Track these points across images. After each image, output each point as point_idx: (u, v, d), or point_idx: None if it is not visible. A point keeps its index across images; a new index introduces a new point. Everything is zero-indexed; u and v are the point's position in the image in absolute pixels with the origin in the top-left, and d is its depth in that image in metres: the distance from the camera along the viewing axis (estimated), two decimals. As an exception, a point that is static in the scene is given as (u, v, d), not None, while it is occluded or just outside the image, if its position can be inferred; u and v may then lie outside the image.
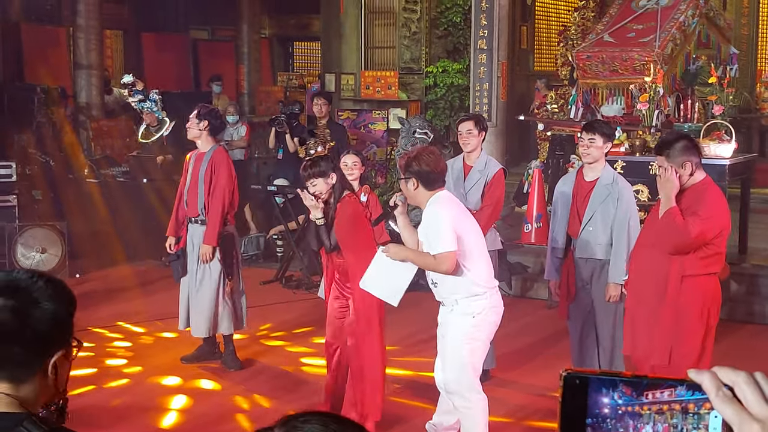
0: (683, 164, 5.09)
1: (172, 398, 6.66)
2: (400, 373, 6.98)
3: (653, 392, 1.03)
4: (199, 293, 7.19)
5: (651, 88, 9.30)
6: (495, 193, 6.73)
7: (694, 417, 1.03)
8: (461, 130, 6.81)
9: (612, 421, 1.04)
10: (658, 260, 5.18)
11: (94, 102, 12.95)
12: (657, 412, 1.03)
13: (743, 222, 9.42)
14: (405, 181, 5.10)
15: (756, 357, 7.48)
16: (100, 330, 8.22)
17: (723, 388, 1.02)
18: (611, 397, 1.04)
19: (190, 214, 7.26)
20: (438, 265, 4.96)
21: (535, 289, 9.37)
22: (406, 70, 14.32)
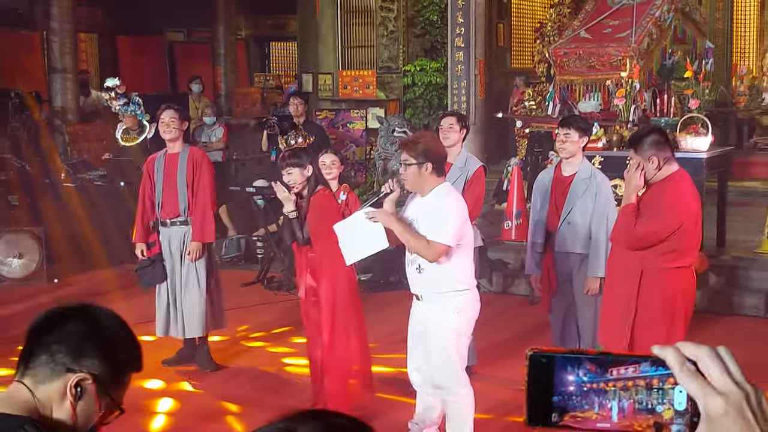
0: (650, 158, 5.12)
1: (157, 401, 6.62)
2: (382, 370, 6.98)
3: (618, 369, 1.04)
4: (188, 294, 7.15)
5: (627, 84, 9.33)
6: (475, 190, 6.73)
7: (658, 392, 1.04)
8: (443, 124, 6.82)
9: (578, 398, 1.05)
10: (626, 255, 5.25)
11: (69, 106, 12.86)
12: (622, 389, 1.04)
13: (721, 215, 9.48)
14: (418, 166, 5.00)
15: (735, 348, 7.49)
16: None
17: (687, 363, 1.03)
18: (576, 374, 1.05)
19: (167, 216, 7.18)
20: (428, 250, 4.94)
21: (516, 285, 9.39)
22: (384, 69, 14.32)
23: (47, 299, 9.52)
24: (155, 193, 7.20)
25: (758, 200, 10.44)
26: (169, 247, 7.19)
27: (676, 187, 5.20)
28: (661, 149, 5.17)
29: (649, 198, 5.17)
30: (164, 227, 7.21)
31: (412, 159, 5.03)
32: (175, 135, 7.14)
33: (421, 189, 5.14)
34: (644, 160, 5.11)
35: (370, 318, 7.89)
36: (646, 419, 1.04)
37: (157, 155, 7.30)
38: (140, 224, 7.24)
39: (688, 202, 5.23)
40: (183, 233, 7.17)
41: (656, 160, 5.13)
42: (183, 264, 7.16)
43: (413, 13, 14.13)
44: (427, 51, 14.12)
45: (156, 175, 7.19)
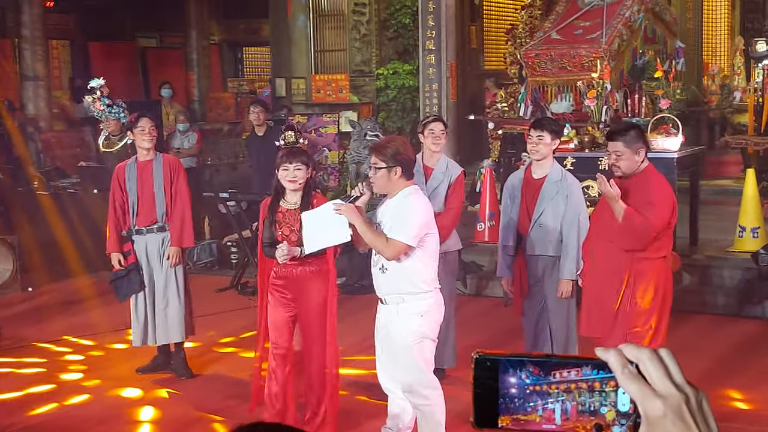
0: (638, 150, 5.30)
1: (139, 410, 6.58)
2: (357, 373, 7.00)
3: (560, 371, 1.06)
4: (169, 301, 7.12)
5: (599, 84, 9.38)
6: (459, 196, 6.79)
7: (600, 394, 1.05)
8: (434, 129, 6.81)
9: (520, 401, 1.06)
10: (615, 251, 5.31)
11: (42, 113, 12.79)
12: (565, 391, 1.05)
13: (693, 214, 9.54)
14: (387, 170, 5.02)
15: (709, 346, 7.58)
16: (47, 345, 8.10)
17: (629, 366, 1.04)
18: (519, 377, 1.06)
19: (143, 223, 7.13)
20: (385, 247, 4.95)
21: (490, 287, 9.41)
22: (357, 73, 14.33)
23: (21, 308, 9.47)
24: (128, 202, 7.12)
25: (730, 199, 10.52)
26: (146, 255, 7.14)
27: (658, 178, 5.39)
28: (644, 142, 5.42)
29: (633, 189, 5.28)
30: (139, 235, 7.15)
31: (381, 162, 5.05)
32: (150, 144, 7.12)
33: (389, 192, 5.16)
34: (633, 152, 5.26)
35: (344, 322, 7.89)
36: (589, 421, 1.05)
37: (127, 163, 7.24)
38: (114, 233, 7.14)
39: (671, 191, 5.44)
40: (161, 239, 7.13)
41: (642, 152, 5.34)
42: (161, 270, 7.13)
43: (386, 17, 14.14)
44: (400, 54, 14.14)
45: (128, 183, 7.12)
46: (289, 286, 5.66)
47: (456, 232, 6.94)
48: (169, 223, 7.11)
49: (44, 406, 6.58)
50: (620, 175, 5.36)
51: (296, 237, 5.54)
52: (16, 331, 8.52)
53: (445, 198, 6.75)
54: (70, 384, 7.15)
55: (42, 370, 7.43)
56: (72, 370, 7.48)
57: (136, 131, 7.12)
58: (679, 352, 4.61)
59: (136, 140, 7.17)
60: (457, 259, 7.03)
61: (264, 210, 5.73)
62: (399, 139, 5.47)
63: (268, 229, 5.65)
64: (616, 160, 5.32)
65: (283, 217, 5.63)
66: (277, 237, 5.60)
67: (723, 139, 12.65)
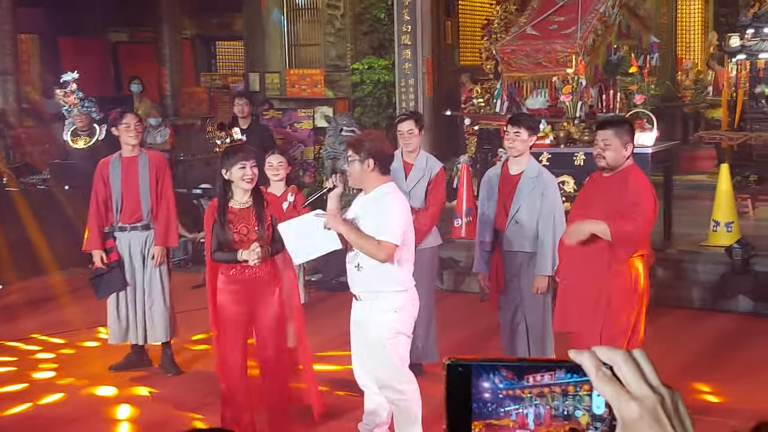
0: (626, 145, 5.26)
1: (115, 408, 6.49)
2: (333, 368, 6.97)
3: (534, 376, 1.04)
4: (154, 301, 7.03)
5: (573, 80, 9.37)
6: (439, 191, 6.77)
7: (574, 398, 1.04)
8: (402, 129, 6.77)
9: (494, 406, 1.04)
10: (592, 249, 5.25)
11: (10, 108, 12.61)
12: (538, 395, 1.04)
13: (667, 209, 9.55)
14: (359, 162, 4.98)
15: (684, 341, 7.60)
16: (17, 343, 7.98)
17: (602, 368, 1.03)
18: (492, 381, 1.05)
19: (127, 221, 7.01)
20: (378, 251, 4.92)
21: (467, 282, 9.38)
22: (332, 68, 14.26)
23: (-9, 306, 9.34)
24: (111, 198, 6.98)
25: (704, 193, 10.56)
26: (129, 253, 7.02)
27: (641, 177, 5.36)
28: (633, 139, 5.38)
29: (614, 186, 5.24)
30: (122, 232, 7.03)
31: (354, 155, 5.02)
32: (138, 139, 7.04)
33: (364, 186, 5.12)
34: (620, 144, 5.23)
35: (321, 318, 7.85)
36: (563, 425, 1.04)
37: (111, 158, 7.09)
38: (95, 230, 6.99)
39: (653, 191, 5.42)
40: (144, 238, 7.02)
41: (630, 148, 5.31)
42: (145, 269, 7.02)
43: (360, 11, 14.07)
44: (375, 49, 14.07)
45: (112, 179, 6.98)
46: (243, 291, 5.45)
47: (436, 229, 6.91)
48: (154, 222, 7.00)
49: (18, 406, 6.49)
50: (603, 166, 5.30)
51: (255, 236, 5.41)
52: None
53: (425, 194, 6.71)
54: (43, 383, 7.05)
55: (13, 369, 7.33)
56: (43, 368, 7.39)
57: (121, 127, 6.99)
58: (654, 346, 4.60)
59: (121, 136, 7.02)
60: (436, 255, 6.99)
61: (212, 213, 5.45)
62: (375, 133, 5.43)
63: (221, 231, 5.38)
64: (603, 149, 5.25)
65: (236, 217, 5.43)
66: (234, 237, 5.40)
67: (697, 134, 12.72)
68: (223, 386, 5.54)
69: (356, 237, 4.95)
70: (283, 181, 6.86)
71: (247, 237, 5.40)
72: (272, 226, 5.49)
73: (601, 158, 5.29)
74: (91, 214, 7.02)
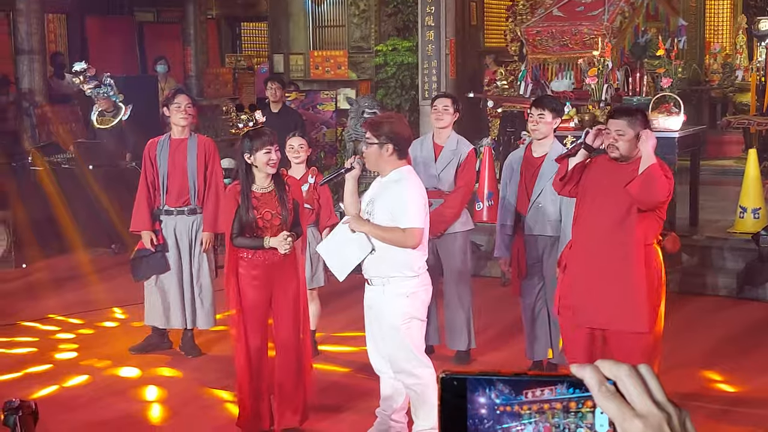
0: (640, 135, 5.06)
1: (140, 389, 6.48)
2: (350, 349, 6.97)
3: (533, 391, 0.99)
4: (202, 285, 6.99)
5: (600, 62, 9.27)
6: (468, 174, 6.71)
7: (576, 415, 0.98)
8: (437, 105, 6.73)
9: (490, 422, 0.99)
10: (608, 232, 5.13)
11: (37, 88, 12.65)
12: (537, 412, 0.98)
13: (694, 194, 9.45)
14: (379, 146, 4.95)
15: (709, 329, 7.52)
16: (37, 324, 8.00)
17: (606, 383, 0.97)
18: (489, 396, 0.99)
19: (174, 204, 6.93)
20: (406, 239, 4.90)
21: (488, 267, 9.33)
22: (355, 49, 14.20)
23: (15, 285, 9.40)
24: (158, 179, 6.92)
25: (731, 179, 10.43)
26: (175, 237, 6.95)
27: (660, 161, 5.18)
28: (647, 128, 5.17)
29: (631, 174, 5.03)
30: (168, 215, 6.95)
31: (373, 138, 4.98)
32: (186, 122, 6.93)
33: (381, 170, 5.08)
34: (634, 134, 5.04)
35: (339, 300, 7.82)
36: None
37: (160, 139, 7.03)
38: (145, 210, 6.92)
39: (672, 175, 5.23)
40: (191, 223, 6.95)
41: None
42: (192, 255, 6.97)
43: (385, -8, 13.99)
44: (399, 30, 13.99)
45: (159, 160, 6.91)
46: (264, 276, 5.43)
47: (467, 213, 6.85)
48: (203, 208, 6.93)
49: (44, 388, 6.46)
50: (616, 157, 5.11)
51: (279, 220, 5.39)
52: (9, 308, 8.44)
53: (455, 177, 6.65)
54: (66, 363, 7.05)
55: (34, 350, 7.34)
56: (64, 349, 7.39)
57: (171, 107, 6.93)
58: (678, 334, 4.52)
59: (171, 117, 6.95)
60: (468, 239, 6.91)
61: (234, 197, 5.42)
62: (395, 116, 5.37)
63: (245, 215, 5.35)
64: (615, 140, 5.06)
65: (259, 202, 5.39)
66: (258, 222, 5.38)
67: (725, 118, 12.53)
68: (240, 369, 5.51)
69: (382, 232, 4.95)
70: (303, 164, 6.82)
71: (270, 222, 5.38)
72: (294, 211, 5.46)
73: (614, 149, 5.08)
74: (139, 195, 6.96)
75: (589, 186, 5.24)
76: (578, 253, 5.31)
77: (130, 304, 8.02)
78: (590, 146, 5.20)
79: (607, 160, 5.19)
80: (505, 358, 6.85)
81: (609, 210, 5.15)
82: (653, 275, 5.20)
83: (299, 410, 5.55)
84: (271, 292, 5.47)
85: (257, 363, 5.48)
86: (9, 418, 2.29)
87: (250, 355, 5.45)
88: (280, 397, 5.53)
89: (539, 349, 6.30)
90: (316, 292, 6.89)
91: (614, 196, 5.11)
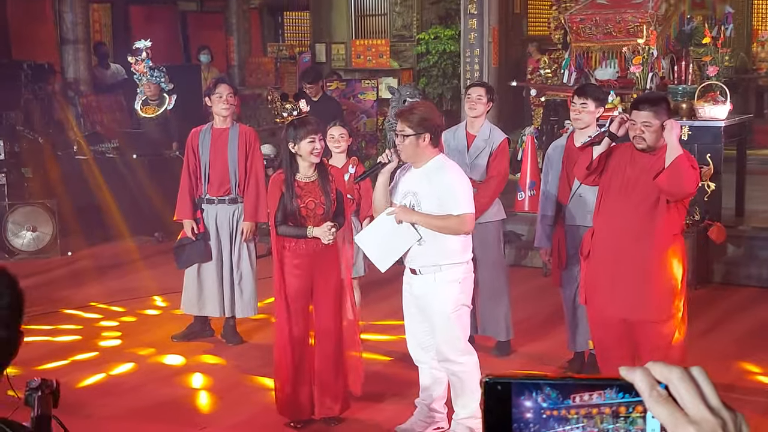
0: (665, 124, 4.98)
1: (186, 377, 6.53)
2: (391, 338, 6.97)
3: (581, 394, 0.96)
4: (243, 275, 7.02)
5: (644, 51, 9.16)
6: (501, 163, 6.65)
7: (626, 421, 0.95)
8: (471, 94, 6.72)
9: (536, 426, 0.96)
10: (638, 218, 5.07)
11: (82, 77, 12.79)
12: (585, 416, 0.95)
13: (740, 184, 9.32)
14: (416, 137, 4.93)
15: (752, 320, 7.41)
16: (76, 311, 8.07)
17: (657, 387, 0.94)
18: (535, 401, 0.96)
19: (215, 193, 6.98)
20: (461, 225, 4.92)
21: (529, 257, 9.28)
22: (397, 38, 14.17)
23: (60, 272, 9.52)
24: (200, 168, 6.98)
25: (778, 169, 10.27)
26: (216, 226, 7.01)
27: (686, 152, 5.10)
28: (671, 116, 5.10)
29: (657, 165, 4.97)
30: (210, 204, 7.01)
31: (409, 130, 4.95)
32: (227, 112, 6.98)
33: (416, 160, 5.06)
34: (660, 124, 4.95)
35: (381, 291, 7.82)
36: None
37: (202, 128, 7.09)
38: (187, 199, 7.00)
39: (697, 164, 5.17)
40: (232, 212, 7.00)
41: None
42: (233, 243, 7.01)
43: (428, -20, 13.93)
44: (441, 18, 13.93)
45: (201, 149, 6.97)
46: (306, 264, 5.45)
47: (499, 202, 6.81)
48: (243, 197, 6.96)
49: (91, 376, 6.50)
50: (643, 148, 5.01)
51: (322, 210, 5.41)
52: (54, 295, 8.56)
53: (487, 166, 6.62)
54: (111, 351, 7.11)
55: (78, 338, 7.42)
56: (107, 336, 7.46)
57: (213, 97, 6.98)
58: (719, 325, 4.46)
59: (213, 107, 7.02)
60: (500, 228, 6.87)
61: (278, 185, 5.45)
62: (425, 104, 5.34)
63: (290, 204, 5.38)
64: (642, 131, 4.97)
65: (303, 191, 5.41)
66: (301, 211, 5.40)
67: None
68: (279, 357, 5.53)
69: (436, 221, 4.93)
70: (344, 153, 6.82)
71: (313, 212, 5.40)
72: (336, 200, 5.47)
73: (640, 140, 4.99)
74: (182, 184, 7.04)
75: (613, 175, 5.17)
76: (601, 243, 5.26)
77: (170, 292, 8.07)
78: (614, 135, 5.14)
79: (630, 149, 5.12)
80: (547, 349, 6.81)
81: (634, 200, 5.09)
82: (677, 265, 5.14)
83: (339, 399, 5.56)
84: (312, 281, 5.48)
85: (299, 351, 5.50)
86: (29, 397, 2.34)
87: (292, 343, 5.48)
88: (320, 386, 5.54)
89: (581, 341, 6.25)
90: (357, 281, 6.89)
91: (640, 186, 5.05)
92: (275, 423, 5.58)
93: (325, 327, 5.52)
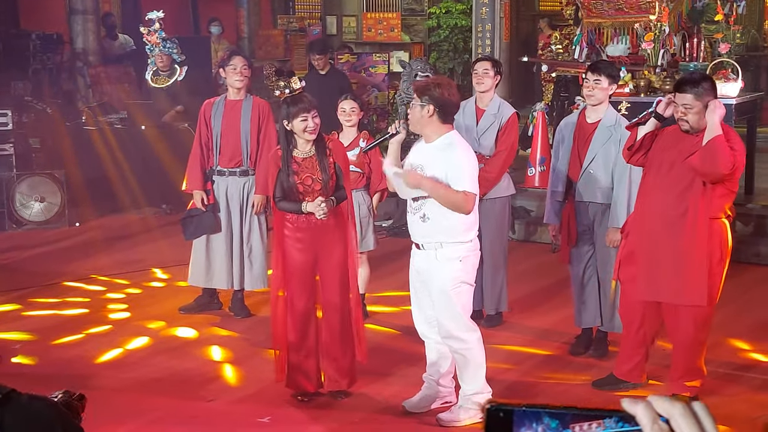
0: (708, 105, 4.96)
1: (198, 350, 6.51)
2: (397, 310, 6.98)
3: (580, 424, 0.96)
4: (252, 248, 7.01)
5: (656, 27, 9.10)
6: (509, 138, 6.64)
7: None
8: (477, 69, 6.70)
9: None
10: (675, 199, 5.08)
11: (90, 48, 12.75)
12: None
13: (750, 162, 9.24)
14: (420, 107, 4.93)
15: (761, 299, 7.40)
16: (79, 284, 8.05)
17: (659, 421, 0.95)
18: (535, 430, 0.97)
19: (226, 165, 6.95)
20: (463, 202, 4.88)
21: (539, 233, 9.27)
22: (408, 12, 14.10)
23: (68, 243, 9.55)
24: (212, 140, 6.96)
25: (789, 147, 10.22)
26: (226, 198, 6.99)
27: (731, 131, 5.10)
28: (716, 95, 5.07)
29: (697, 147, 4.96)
30: (221, 176, 6.99)
31: (417, 99, 4.97)
32: (242, 83, 6.93)
33: (423, 132, 5.05)
34: (702, 105, 4.94)
35: (390, 265, 7.83)
36: None
37: (215, 100, 7.07)
38: (197, 170, 6.98)
39: (744, 146, 5.13)
40: (243, 184, 6.97)
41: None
42: (243, 216, 7.00)
43: (439, -47, 13.84)
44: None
45: (213, 121, 6.94)
46: (308, 239, 5.45)
47: (509, 177, 6.80)
48: (255, 170, 6.94)
49: (109, 351, 6.47)
50: (687, 130, 5.02)
51: (320, 185, 5.39)
52: (61, 266, 8.57)
53: (495, 141, 6.61)
54: (122, 324, 7.08)
55: (85, 311, 7.39)
56: (114, 309, 7.43)
57: (227, 69, 6.95)
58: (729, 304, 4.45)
59: (227, 78, 6.98)
60: (508, 204, 6.88)
61: (276, 161, 5.45)
62: (445, 80, 5.30)
63: (286, 180, 5.38)
64: (684, 113, 4.98)
65: (300, 167, 5.40)
66: (299, 187, 5.39)
67: (784, 85, 12.27)
68: (278, 328, 5.52)
69: (443, 191, 4.90)
70: (355, 127, 6.80)
71: (311, 187, 5.38)
72: (336, 175, 5.46)
73: (684, 122, 5.01)
74: (193, 155, 7.02)
75: (656, 156, 5.19)
76: (640, 223, 5.30)
77: (177, 264, 8.03)
78: (661, 115, 5.13)
79: (677, 131, 5.13)
80: (554, 324, 6.81)
81: (672, 181, 5.09)
82: (716, 249, 5.11)
83: (347, 373, 5.57)
84: (316, 255, 5.48)
85: (303, 324, 5.50)
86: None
87: (293, 316, 5.48)
88: (327, 360, 5.56)
89: (588, 318, 6.25)
90: (366, 255, 6.89)
91: (678, 167, 5.06)
92: (284, 395, 5.59)
93: (331, 301, 5.52)
